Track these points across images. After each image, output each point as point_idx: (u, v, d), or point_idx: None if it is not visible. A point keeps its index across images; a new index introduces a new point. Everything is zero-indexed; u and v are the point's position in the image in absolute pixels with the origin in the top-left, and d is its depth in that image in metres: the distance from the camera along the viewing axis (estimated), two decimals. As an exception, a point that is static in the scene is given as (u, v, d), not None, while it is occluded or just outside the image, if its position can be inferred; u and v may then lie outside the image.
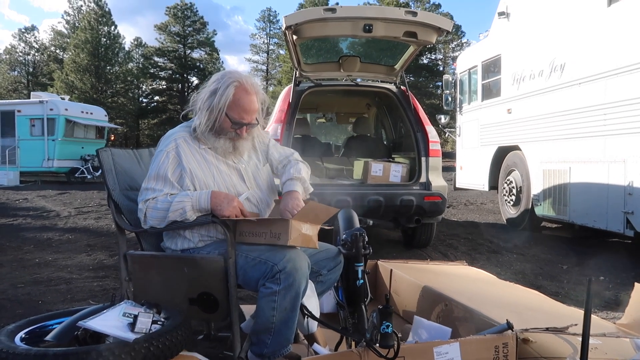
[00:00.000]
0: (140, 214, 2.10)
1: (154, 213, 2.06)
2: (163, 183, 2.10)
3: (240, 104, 2.14)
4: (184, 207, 2.03)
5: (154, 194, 2.08)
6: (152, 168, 2.15)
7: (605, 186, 5.30)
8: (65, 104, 18.94)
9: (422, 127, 5.14)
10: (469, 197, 11.87)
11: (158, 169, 2.11)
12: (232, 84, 2.13)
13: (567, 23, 5.99)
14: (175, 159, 2.13)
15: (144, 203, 2.08)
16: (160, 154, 2.15)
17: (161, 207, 2.05)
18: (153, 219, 2.07)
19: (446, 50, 48.76)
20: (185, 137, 2.19)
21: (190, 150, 2.17)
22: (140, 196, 2.13)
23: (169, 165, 2.11)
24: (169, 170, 2.11)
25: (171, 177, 2.11)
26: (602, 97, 5.28)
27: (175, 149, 2.14)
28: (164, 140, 2.22)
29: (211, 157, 2.20)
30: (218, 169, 2.19)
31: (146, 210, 2.07)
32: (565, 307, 2.69)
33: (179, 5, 48.26)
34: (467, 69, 9.06)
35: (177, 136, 2.18)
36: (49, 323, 2.02)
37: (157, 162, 2.13)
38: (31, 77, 48.61)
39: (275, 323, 1.95)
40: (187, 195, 2.06)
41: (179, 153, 2.13)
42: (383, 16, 4.34)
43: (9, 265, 4.85)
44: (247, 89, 2.16)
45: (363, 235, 2.31)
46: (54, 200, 10.82)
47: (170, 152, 2.13)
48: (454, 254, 5.38)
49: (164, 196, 2.07)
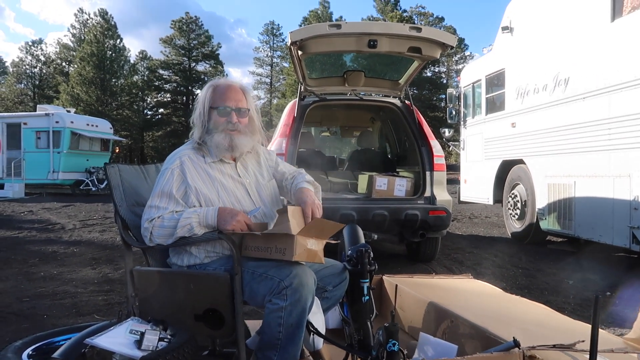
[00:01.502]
0: (146, 232, 2.09)
1: (161, 231, 2.06)
2: (167, 200, 2.11)
3: (219, 92, 2.24)
4: (191, 223, 2.04)
5: (159, 212, 2.09)
6: (156, 186, 2.16)
7: (610, 201, 5.29)
8: (70, 116, 19.06)
9: (426, 142, 5.15)
10: (474, 210, 11.85)
11: (163, 186, 2.13)
12: (210, 86, 2.28)
13: (570, 38, 6.02)
14: (179, 176, 2.15)
15: (149, 222, 2.08)
16: (165, 171, 2.16)
17: (168, 224, 2.06)
18: (160, 236, 2.08)
19: (450, 63, 49.00)
20: (190, 155, 2.21)
21: (195, 167, 2.19)
22: (144, 214, 2.13)
23: (173, 183, 2.13)
24: (173, 188, 2.12)
25: (176, 194, 2.12)
26: (607, 112, 5.29)
27: (179, 166, 2.16)
28: (169, 158, 2.24)
29: (216, 173, 2.21)
30: (222, 185, 2.20)
31: (152, 229, 2.07)
32: (572, 321, 2.67)
33: (184, 18, 48.77)
34: (471, 82, 9.10)
35: (181, 154, 2.21)
36: (56, 340, 2.03)
37: (162, 180, 2.15)
38: (37, 89, 49.00)
39: (282, 339, 1.94)
40: (195, 212, 2.07)
41: (184, 170, 2.15)
42: (388, 32, 4.38)
43: (14, 278, 4.86)
44: (225, 82, 2.28)
45: (368, 252, 2.30)
46: (59, 213, 10.86)
47: (175, 169, 2.15)
48: (459, 268, 5.35)
49: (170, 214, 2.08)
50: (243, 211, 2.13)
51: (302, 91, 5.42)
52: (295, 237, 1.94)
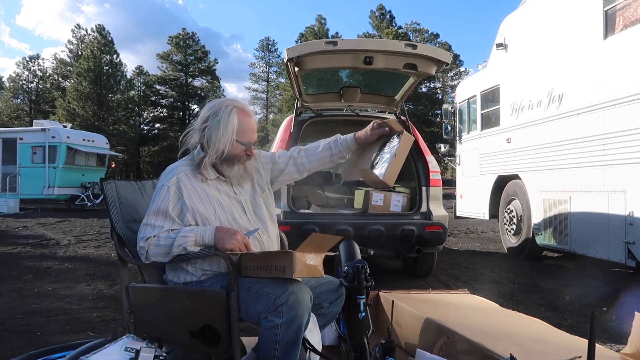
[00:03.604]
0: (142, 251, 2.08)
1: (157, 250, 2.06)
2: (163, 219, 2.10)
3: (245, 126, 2.19)
4: (186, 242, 2.04)
5: (154, 231, 2.07)
6: (152, 203, 2.14)
7: (605, 216, 5.31)
8: (67, 131, 19.05)
9: (422, 157, 5.18)
10: (470, 225, 11.85)
11: (159, 205, 2.11)
12: (232, 110, 2.17)
13: (564, 55, 6.08)
14: (176, 193, 2.13)
15: (144, 241, 2.07)
16: (161, 189, 2.14)
17: (164, 243, 2.05)
18: (156, 255, 2.07)
19: (445, 79, 49.34)
20: (187, 172, 2.19)
21: (192, 184, 2.17)
22: (140, 232, 2.12)
23: (169, 201, 2.11)
24: (169, 206, 2.11)
25: (172, 213, 2.10)
26: (601, 128, 5.33)
27: (176, 183, 2.14)
28: (165, 175, 2.22)
29: (213, 191, 2.20)
30: (219, 203, 2.19)
31: (148, 247, 2.06)
32: (569, 336, 2.66)
33: (181, 34, 49.09)
34: (466, 98, 9.16)
35: (178, 171, 2.19)
36: (50, 357, 2.01)
37: (158, 197, 2.13)
38: (34, 104, 49.03)
39: (277, 357, 1.93)
40: (192, 230, 2.06)
41: (180, 188, 2.14)
42: (383, 49, 4.41)
43: (8, 295, 4.82)
44: (246, 110, 2.24)
45: (365, 268, 2.30)
46: (54, 228, 10.81)
47: (172, 186, 2.13)
48: (455, 283, 5.35)
49: (166, 232, 2.07)
50: (240, 231, 2.13)
51: (299, 107, 5.45)
52: (294, 254, 1.94)
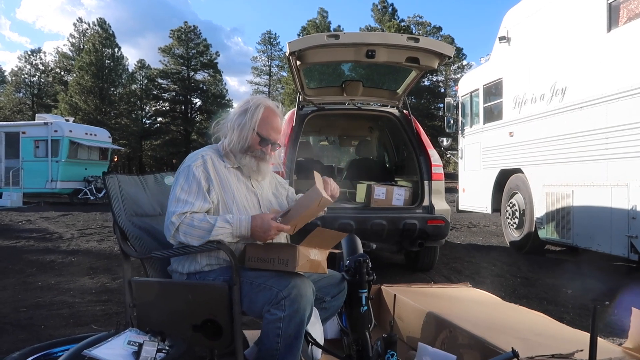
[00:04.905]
0: (172, 227, 2.04)
1: (189, 230, 2.03)
2: (195, 195, 2.10)
3: (269, 121, 2.24)
4: (224, 233, 2.03)
5: (187, 206, 2.06)
6: (179, 181, 2.14)
7: (608, 210, 5.30)
8: (69, 125, 19.06)
9: (424, 151, 5.17)
10: (472, 219, 11.85)
11: (189, 182, 2.12)
12: (261, 105, 2.25)
13: (567, 48, 6.06)
14: (204, 172, 2.16)
15: (178, 216, 2.04)
16: (187, 168, 2.16)
17: (199, 225, 2.03)
18: (186, 235, 2.04)
19: (447, 72, 49.18)
20: (212, 156, 2.23)
21: (215, 168, 2.20)
22: (171, 207, 2.10)
23: (197, 178, 2.13)
24: (201, 183, 2.13)
25: (203, 189, 2.12)
26: (604, 121, 5.31)
27: (203, 164, 2.17)
28: (191, 156, 2.26)
29: (233, 179, 2.24)
30: (238, 190, 2.23)
31: (179, 225, 2.04)
32: (571, 329, 2.67)
33: (183, 28, 48.93)
34: (468, 92, 9.14)
35: (204, 153, 2.23)
36: (54, 351, 2.02)
37: (183, 175, 2.14)
38: (36, 98, 49.06)
39: (280, 350, 1.94)
40: (227, 221, 2.05)
41: (207, 168, 2.17)
42: (385, 42, 4.40)
43: (12, 288, 4.84)
44: (275, 110, 2.30)
45: (367, 262, 2.31)
46: (57, 222, 10.84)
47: (199, 167, 2.16)
48: (457, 277, 5.35)
49: (202, 215, 2.07)
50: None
51: (301, 101, 5.44)
52: (298, 248, 1.94)
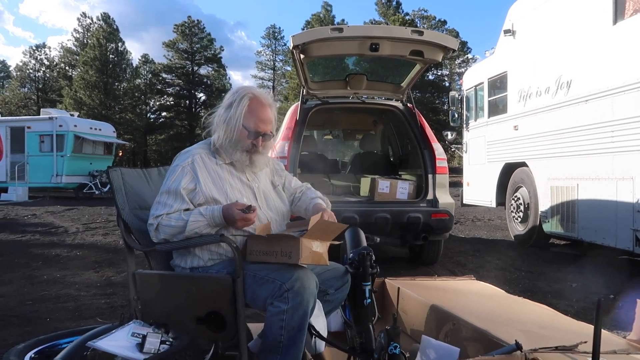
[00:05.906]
0: (151, 228, 2.10)
1: (167, 229, 2.07)
2: (174, 198, 2.11)
3: (255, 113, 2.19)
4: (198, 226, 2.05)
5: (165, 209, 2.09)
6: (166, 182, 2.16)
7: (613, 203, 5.28)
8: (74, 120, 19.14)
9: (428, 144, 5.16)
10: (477, 213, 11.82)
11: (172, 183, 2.13)
12: (246, 96, 2.20)
13: (573, 41, 6.02)
14: (190, 173, 2.15)
15: (154, 218, 2.09)
16: (175, 168, 2.16)
17: (175, 224, 2.06)
18: (166, 234, 2.08)
19: (452, 66, 48.94)
20: (202, 154, 2.21)
21: (206, 166, 2.19)
22: (152, 208, 2.14)
23: (182, 180, 2.12)
24: (182, 185, 2.12)
25: (183, 192, 2.11)
26: (610, 114, 5.28)
27: (191, 164, 2.16)
28: (181, 155, 2.25)
29: (226, 174, 2.22)
30: (231, 186, 2.21)
31: (157, 225, 2.08)
32: (575, 322, 2.66)
33: (187, 22, 48.86)
34: (473, 85, 9.10)
35: (194, 152, 2.22)
36: (59, 342, 2.04)
37: (171, 176, 2.15)
38: (41, 93, 49.20)
39: (283, 342, 1.94)
40: (201, 214, 2.07)
41: (195, 168, 2.15)
42: (389, 35, 4.38)
43: (18, 281, 4.88)
44: (261, 100, 2.23)
45: (370, 254, 2.30)
46: (62, 216, 10.89)
47: (186, 167, 2.15)
48: (461, 271, 5.34)
49: (177, 213, 2.08)
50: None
51: (305, 94, 5.43)
52: (301, 239, 1.94)
